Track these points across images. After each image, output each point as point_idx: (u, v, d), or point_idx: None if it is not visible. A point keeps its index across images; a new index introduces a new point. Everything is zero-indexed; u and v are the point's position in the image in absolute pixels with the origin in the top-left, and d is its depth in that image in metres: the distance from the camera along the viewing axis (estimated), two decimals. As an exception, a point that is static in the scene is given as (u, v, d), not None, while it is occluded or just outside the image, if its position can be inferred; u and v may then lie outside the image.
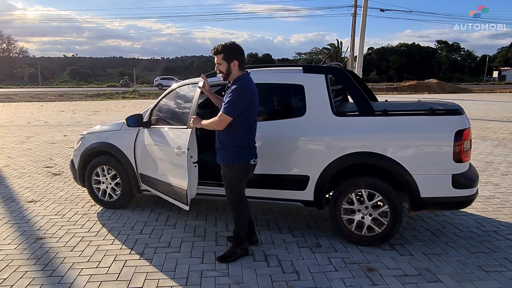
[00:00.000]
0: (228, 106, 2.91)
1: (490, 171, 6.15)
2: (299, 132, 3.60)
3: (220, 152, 3.13)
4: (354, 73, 4.75)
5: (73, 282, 2.90)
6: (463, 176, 3.29)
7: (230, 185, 3.17)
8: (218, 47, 2.98)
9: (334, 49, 54.94)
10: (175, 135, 3.76)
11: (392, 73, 63.38)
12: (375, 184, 3.35)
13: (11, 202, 4.82)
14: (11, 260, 3.26)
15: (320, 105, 3.55)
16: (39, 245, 3.55)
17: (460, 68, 69.95)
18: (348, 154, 3.41)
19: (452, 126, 3.24)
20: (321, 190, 3.53)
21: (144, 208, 4.57)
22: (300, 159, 3.59)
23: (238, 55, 2.98)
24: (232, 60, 2.96)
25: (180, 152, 3.52)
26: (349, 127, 3.47)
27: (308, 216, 4.26)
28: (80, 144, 4.65)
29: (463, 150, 3.23)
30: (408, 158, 3.30)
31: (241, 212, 3.22)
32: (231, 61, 2.96)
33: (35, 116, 16.19)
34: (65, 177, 5.99)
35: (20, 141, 9.65)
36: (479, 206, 4.51)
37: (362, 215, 3.44)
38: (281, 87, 3.86)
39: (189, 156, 3.47)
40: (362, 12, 19.45)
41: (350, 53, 24.47)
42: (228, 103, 2.91)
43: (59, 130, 11.75)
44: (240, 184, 3.17)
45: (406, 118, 3.39)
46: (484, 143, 8.72)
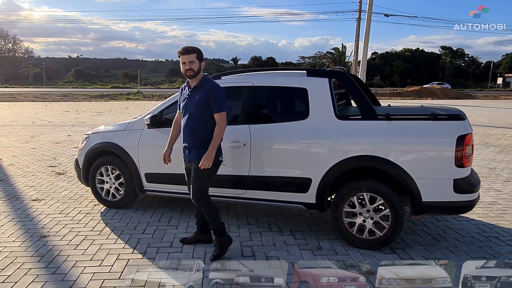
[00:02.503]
0: (220, 103, 3.15)
1: (492, 177, 6.15)
2: (302, 135, 3.63)
3: (197, 150, 3.20)
4: (358, 77, 4.79)
5: (76, 280, 2.93)
6: (464, 181, 3.30)
7: (203, 182, 3.25)
8: (191, 47, 3.18)
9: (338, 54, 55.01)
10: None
11: (395, 78, 63.35)
12: (376, 188, 3.37)
13: (15, 200, 4.87)
14: (15, 257, 3.30)
15: (323, 108, 3.58)
16: (43, 243, 3.58)
17: (464, 74, 69.81)
18: (351, 158, 3.43)
19: (454, 131, 3.26)
20: (323, 193, 3.55)
21: (147, 208, 4.60)
22: (303, 161, 3.62)
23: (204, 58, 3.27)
24: (202, 61, 3.21)
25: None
26: (351, 131, 3.50)
27: (309, 219, 4.28)
28: (85, 144, 4.69)
29: (465, 155, 3.25)
30: (410, 162, 3.32)
31: (210, 206, 3.32)
32: (201, 61, 3.20)
33: (40, 115, 16.30)
34: (69, 177, 6.04)
35: (24, 140, 9.73)
36: (481, 211, 4.52)
37: (363, 219, 3.45)
38: (285, 90, 3.89)
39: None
40: (367, 17, 19.49)
41: (354, 58, 24.51)
42: (218, 100, 3.14)
43: (63, 130, 11.83)
44: (211, 181, 3.32)
45: (408, 123, 3.42)
46: (487, 149, 8.71)
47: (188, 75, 3.16)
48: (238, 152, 3.78)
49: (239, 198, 3.93)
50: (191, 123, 3.21)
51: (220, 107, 3.15)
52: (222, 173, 3.86)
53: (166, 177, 4.16)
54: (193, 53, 3.14)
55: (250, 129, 3.76)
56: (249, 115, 3.89)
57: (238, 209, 4.57)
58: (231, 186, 3.89)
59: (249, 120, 3.83)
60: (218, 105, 3.15)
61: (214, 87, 3.19)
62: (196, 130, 3.20)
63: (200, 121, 3.19)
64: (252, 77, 4.05)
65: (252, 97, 3.94)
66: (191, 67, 3.14)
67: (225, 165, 3.48)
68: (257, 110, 4.05)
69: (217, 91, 3.17)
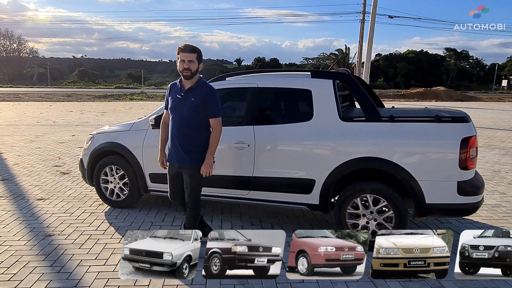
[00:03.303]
0: (217, 108, 3.13)
1: (497, 180, 6.13)
2: (306, 136, 3.64)
3: (191, 154, 3.14)
4: (361, 79, 4.79)
5: (81, 279, 2.96)
6: (468, 183, 3.30)
7: (198, 185, 3.25)
8: (193, 46, 3.08)
9: (341, 55, 54.96)
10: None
11: (399, 80, 63.15)
12: (380, 190, 3.38)
13: (20, 199, 4.91)
14: (20, 256, 3.33)
15: (327, 110, 3.59)
16: (48, 242, 3.61)
17: (469, 76, 69.48)
18: (354, 159, 3.44)
19: (458, 133, 3.26)
20: (326, 194, 3.56)
21: (151, 208, 4.63)
22: (307, 163, 3.63)
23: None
24: (201, 62, 3.12)
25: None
26: (355, 132, 3.51)
27: (313, 220, 4.29)
28: (90, 144, 4.72)
29: (469, 158, 3.25)
30: (413, 164, 3.32)
31: (200, 210, 3.36)
32: (200, 63, 3.11)
33: (44, 115, 16.39)
34: (74, 176, 6.07)
35: (29, 140, 9.79)
36: (485, 214, 4.50)
37: (366, 220, 3.46)
38: (289, 91, 3.91)
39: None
40: (371, 18, 19.48)
41: (357, 59, 24.49)
42: (215, 105, 3.11)
43: (67, 129, 11.89)
44: (203, 184, 3.30)
45: (412, 125, 3.42)
46: (492, 151, 8.68)
47: (185, 74, 3.05)
48: (242, 153, 3.79)
49: (242, 199, 3.94)
50: (185, 125, 3.11)
51: (216, 112, 3.11)
52: (226, 173, 3.90)
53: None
54: (194, 53, 3.05)
55: (254, 130, 3.77)
56: (253, 116, 3.91)
57: (241, 210, 4.58)
58: (235, 187, 3.90)
59: (253, 121, 3.84)
60: (214, 110, 3.11)
61: (212, 91, 3.13)
62: (191, 134, 3.12)
63: (195, 124, 3.11)
64: (256, 78, 4.07)
65: (256, 98, 3.95)
66: (190, 67, 3.03)
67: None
68: (261, 111, 4.06)
69: (215, 96, 3.12)
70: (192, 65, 3.04)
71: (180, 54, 3.05)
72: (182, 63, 3.04)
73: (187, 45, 3.07)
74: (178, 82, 3.20)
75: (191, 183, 3.21)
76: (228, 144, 3.82)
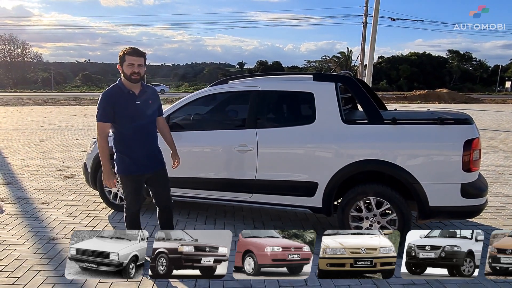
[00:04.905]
0: (162, 107, 3.32)
1: (501, 182, 6.10)
2: (309, 139, 3.64)
3: (160, 154, 3.26)
4: (364, 81, 4.79)
5: (84, 282, 2.97)
6: (472, 186, 3.29)
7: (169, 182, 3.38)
8: (140, 50, 3.01)
9: (344, 58, 55.00)
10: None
11: (402, 82, 63.03)
12: (383, 192, 3.37)
13: (25, 203, 4.93)
14: (24, 259, 3.34)
15: (329, 112, 3.59)
16: (51, 246, 3.63)
17: (472, 78, 69.26)
18: (357, 162, 3.44)
19: (461, 135, 3.26)
20: (329, 197, 3.56)
21: (154, 212, 4.62)
22: (309, 166, 3.63)
23: None
24: (145, 66, 3.08)
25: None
26: (358, 135, 3.50)
27: (315, 223, 4.28)
28: (93, 148, 4.74)
29: (472, 160, 3.24)
30: (417, 167, 3.31)
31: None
32: (145, 67, 3.07)
33: (48, 119, 16.48)
34: (77, 180, 6.10)
35: (33, 144, 9.85)
36: (489, 216, 4.48)
37: (370, 223, 3.45)
38: (291, 94, 3.92)
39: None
40: (373, 21, 19.48)
41: (360, 62, 24.48)
42: (161, 104, 3.29)
43: (71, 134, 11.96)
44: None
45: (415, 127, 3.42)
46: (495, 153, 8.64)
47: (134, 78, 2.93)
48: (245, 156, 3.80)
49: (245, 202, 3.94)
50: (152, 128, 3.18)
51: (162, 110, 3.33)
52: (229, 177, 3.91)
53: (173, 180, 4.18)
54: (142, 57, 2.97)
55: (256, 133, 3.78)
56: (256, 119, 3.91)
57: (244, 213, 4.58)
58: (238, 190, 3.91)
59: (255, 124, 3.85)
60: (162, 109, 3.32)
61: (156, 91, 3.30)
62: (155, 135, 3.24)
63: (155, 125, 3.24)
64: (259, 81, 4.08)
65: (258, 101, 3.96)
66: (139, 71, 2.94)
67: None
68: (263, 114, 4.07)
69: (158, 97, 3.25)
70: (141, 69, 2.97)
71: (128, 58, 2.91)
72: (131, 66, 2.91)
73: (134, 48, 2.96)
74: (123, 88, 2.98)
75: (167, 183, 3.32)
76: (230, 147, 3.83)
